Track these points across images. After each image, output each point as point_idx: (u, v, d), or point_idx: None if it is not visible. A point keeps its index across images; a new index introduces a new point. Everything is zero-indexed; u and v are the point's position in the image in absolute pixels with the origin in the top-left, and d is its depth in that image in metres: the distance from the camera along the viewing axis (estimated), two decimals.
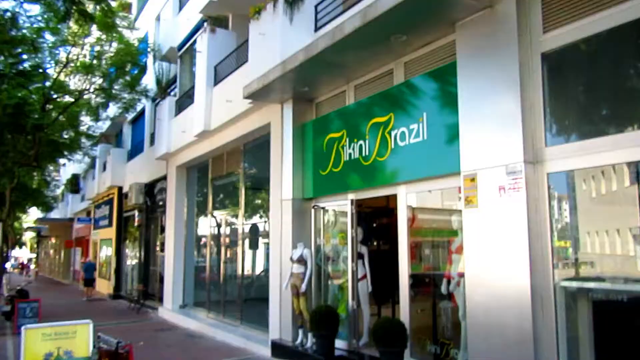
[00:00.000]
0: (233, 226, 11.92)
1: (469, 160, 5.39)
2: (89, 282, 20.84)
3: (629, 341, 4.77)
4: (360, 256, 7.57)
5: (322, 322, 7.15)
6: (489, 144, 5.18)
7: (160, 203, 16.52)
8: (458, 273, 5.87)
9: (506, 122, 5.03)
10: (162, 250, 15.59)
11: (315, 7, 8.37)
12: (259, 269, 11.22)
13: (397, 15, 5.56)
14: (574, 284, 4.81)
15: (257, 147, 10.78)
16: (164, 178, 15.65)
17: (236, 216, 11.60)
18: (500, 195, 5.01)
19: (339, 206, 8.03)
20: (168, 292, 14.40)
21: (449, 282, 6.09)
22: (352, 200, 7.52)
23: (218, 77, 11.56)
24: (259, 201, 11.20)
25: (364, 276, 7.53)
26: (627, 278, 4.55)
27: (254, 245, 11.27)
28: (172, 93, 15.16)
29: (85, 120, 20.67)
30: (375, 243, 9.52)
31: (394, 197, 6.81)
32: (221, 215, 12.67)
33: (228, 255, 12.17)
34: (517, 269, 4.82)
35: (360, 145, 7.22)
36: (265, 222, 10.44)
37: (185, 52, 13.91)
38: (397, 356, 6.04)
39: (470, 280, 5.31)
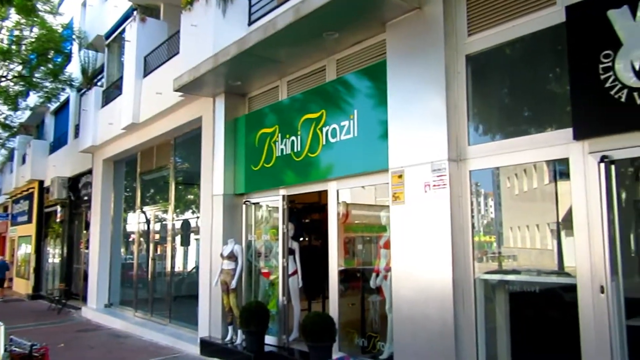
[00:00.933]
0: (163, 222, 11.58)
1: (397, 158, 5.52)
2: (1, 282, 19.54)
3: (541, 329, 5.08)
4: (291, 252, 7.57)
5: (252, 319, 7.11)
6: (416, 142, 5.33)
7: (85, 198, 15.78)
8: (385, 267, 6.01)
9: (432, 120, 5.19)
10: (87, 247, 14.91)
11: (249, 0, 8.28)
12: (190, 266, 10.98)
13: (329, 13, 5.60)
14: (493, 277, 5.06)
15: (188, 141, 10.52)
16: (90, 172, 14.95)
17: (166, 212, 11.28)
18: (426, 192, 5.17)
19: (271, 202, 8.00)
20: (92, 290, 13.79)
21: (377, 277, 6.23)
22: (283, 196, 7.52)
23: (148, 68, 11.17)
24: (191, 196, 10.96)
25: (295, 272, 7.55)
26: (540, 270, 4.83)
27: (185, 242, 11.01)
28: (98, 83, 14.47)
29: (2, 109, 19.36)
30: (307, 239, 9.58)
31: (326, 193, 6.87)
32: (150, 210, 12.28)
33: (158, 252, 11.81)
34: (440, 263, 5.00)
35: (293, 141, 7.23)
36: (197, 218, 10.22)
37: (114, 41, 13.33)
38: (326, 350, 6.10)
39: (397, 274, 5.45)
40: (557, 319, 4.82)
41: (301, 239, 9.29)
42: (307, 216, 9.69)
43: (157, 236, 11.96)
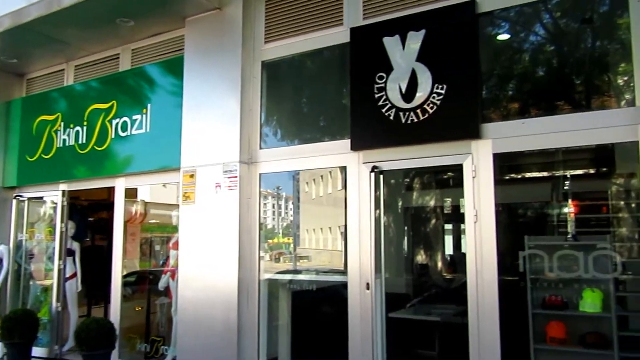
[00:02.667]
0: None
1: (189, 156, 5.42)
2: None
3: (319, 324, 5.47)
4: (70, 253, 6.89)
5: (16, 328, 6.23)
6: (209, 142, 5.30)
7: None
8: (171, 268, 5.85)
9: (226, 122, 5.22)
10: None
11: None
12: None
13: None
14: (277, 277, 5.28)
15: None
16: None
17: None
18: (217, 192, 5.17)
19: (49, 197, 7.17)
20: None
21: (165, 278, 6.03)
22: (63, 192, 6.79)
23: None
24: None
25: (74, 275, 6.89)
26: (319, 270, 5.21)
27: None
28: None
29: None
30: (91, 238, 8.82)
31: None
32: None
33: None
34: (227, 264, 5.04)
35: (77, 131, 6.58)
36: None
37: None
38: (103, 358, 5.66)
39: (183, 275, 5.34)
40: (333, 314, 5.23)
41: (87, 239, 8.52)
42: (94, 214, 8.92)
43: None
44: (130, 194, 6.54)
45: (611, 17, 4.08)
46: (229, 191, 5.08)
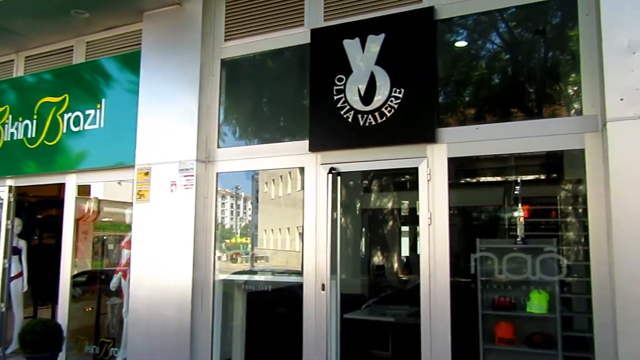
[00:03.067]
0: None
1: (144, 154, 5.30)
2: None
3: (273, 325, 5.45)
4: (16, 251, 6.62)
5: None
6: (165, 140, 5.20)
7: None
8: (123, 268, 5.71)
9: (183, 120, 5.13)
10: None
11: None
12: None
13: None
14: (232, 277, 5.23)
15: None
16: None
17: None
18: (172, 191, 5.07)
19: None
20: None
21: (116, 278, 5.89)
22: (10, 187, 6.51)
23: None
24: None
25: (20, 274, 6.62)
26: (274, 270, 5.19)
27: None
28: None
29: None
30: (40, 236, 8.50)
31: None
32: None
33: None
34: (182, 264, 4.95)
35: (27, 125, 6.33)
36: None
37: None
38: None
39: (136, 275, 5.21)
40: (288, 315, 5.22)
41: (35, 237, 8.21)
42: (43, 212, 8.60)
43: None
44: (83, 191, 6.35)
45: (562, 29, 4.23)
46: (185, 190, 5.00)
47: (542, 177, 5.91)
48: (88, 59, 6.18)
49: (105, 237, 7.15)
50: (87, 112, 5.85)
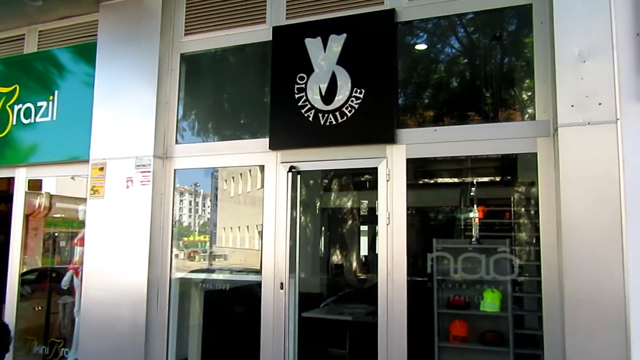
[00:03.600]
0: None
1: (99, 148, 5.14)
2: None
3: (231, 324, 5.40)
4: None
5: None
6: (121, 134, 5.06)
7: None
8: (75, 266, 5.54)
9: (141, 114, 5.00)
10: None
11: None
12: None
13: None
14: (189, 276, 5.15)
15: None
16: None
17: None
18: (128, 187, 4.95)
19: None
20: None
21: (68, 276, 5.71)
22: None
23: None
24: None
25: None
26: (232, 269, 5.14)
27: None
28: None
29: None
30: None
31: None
32: None
33: None
34: (137, 262, 4.83)
35: None
36: None
37: None
38: None
39: (88, 273, 5.06)
40: (246, 314, 5.17)
41: None
42: None
43: None
44: (34, 185, 6.13)
45: (518, 36, 4.35)
46: (142, 186, 4.88)
47: (497, 179, 6.07)
48: (40, 49, 5.95)
49: (57, 234, 6.92)
50: (39, 103, 5.63)
